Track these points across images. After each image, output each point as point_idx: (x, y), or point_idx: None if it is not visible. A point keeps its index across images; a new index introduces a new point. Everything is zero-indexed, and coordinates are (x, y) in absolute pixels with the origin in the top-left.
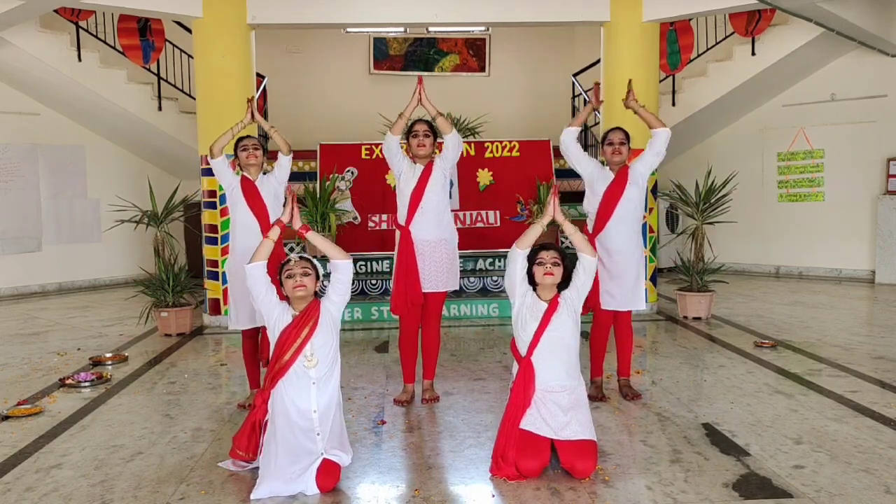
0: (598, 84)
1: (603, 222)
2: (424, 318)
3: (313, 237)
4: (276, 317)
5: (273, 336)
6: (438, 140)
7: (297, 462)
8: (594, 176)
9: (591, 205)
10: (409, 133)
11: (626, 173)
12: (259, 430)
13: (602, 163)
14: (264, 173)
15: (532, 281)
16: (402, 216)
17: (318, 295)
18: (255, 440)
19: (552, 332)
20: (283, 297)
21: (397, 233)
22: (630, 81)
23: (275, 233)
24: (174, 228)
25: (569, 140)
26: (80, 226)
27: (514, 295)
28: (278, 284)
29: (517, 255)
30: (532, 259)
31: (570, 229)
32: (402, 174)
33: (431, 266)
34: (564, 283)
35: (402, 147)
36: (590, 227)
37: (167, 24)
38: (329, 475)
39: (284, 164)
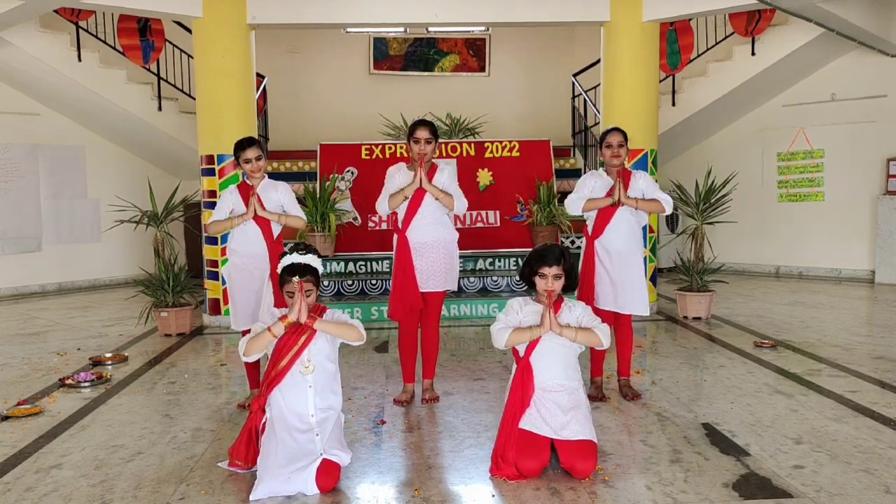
0: (620, 182)
1: (602, 226)
2: (424, 318)
3: (322, 326)
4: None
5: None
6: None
7: (295, 462)
8: (593, 184)
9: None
10: (409, 136)
11: (628, 179)
12: (256, 438)
13: (600, 163)
14: (268, 174)
15: (532, 284)
16: (399, 220)
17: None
18: (252, 449)
19: (552, 333)
20: (281, 301)
21: (395, 236)
22: (618, 182)
23: (278, 329)
24: (174, 228)
25: (573, 209)
26: (80, 226)
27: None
28: (277, 282)
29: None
30: (534, 267)
31: (570, 335)
32: (402, 181)
33: (430, 265)
34: (567, 287)
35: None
36: (588, 230)
37: (167, 24)
38: (329, 475)
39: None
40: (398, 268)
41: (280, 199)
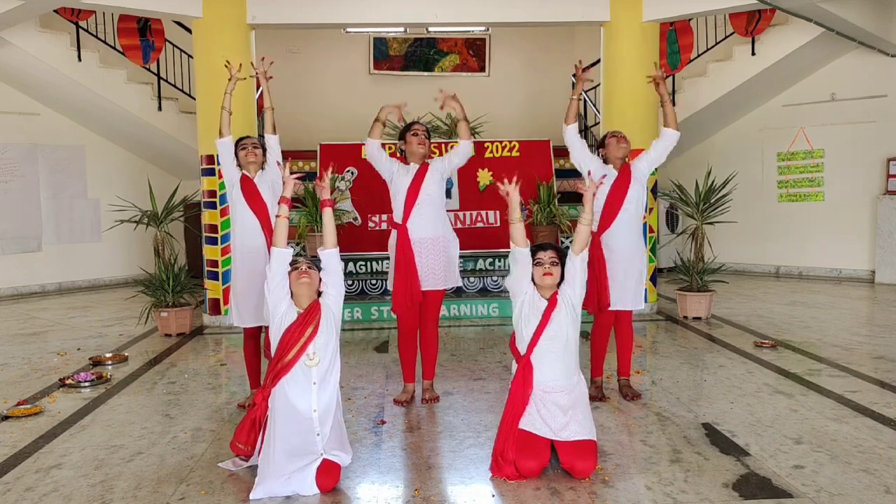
0: (581, 67)
1: (609, 221)
2: (422, 318)
3: (328, 216)
4: (283, 311)
5: (277, 333)
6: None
7: (296, 462)
8: (595, 166)
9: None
10: (406, 131)
11: (630, 171)
12: (258, 428)
13: (603, 161)
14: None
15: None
16: (397, 215)
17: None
18: (253, 437)
19: (552, 331)
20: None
21: (393, 232)
22: (656, 65)
23: (283, 210)
24: (174, 228)
25: (573, 137)
26: (80, 226)
27: (517, 293)
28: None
29: (520, 254)
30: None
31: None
32: (395, 174)
33: (430, 263)
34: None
35: (385, 149)
36: (593, 227)
37: (167, 24)
38: (329, 475)
39: (272, 144)
40: (399, 261)
41: (275, 177)
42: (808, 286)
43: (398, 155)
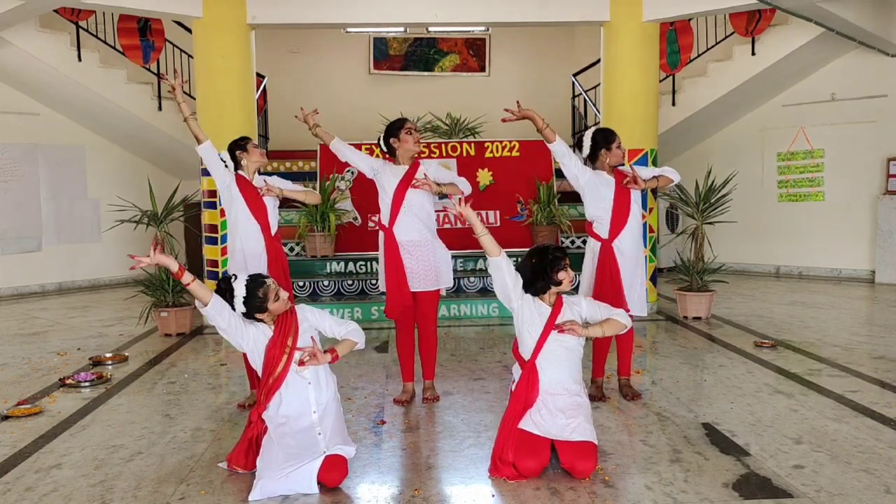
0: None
1: (619, 228)
2: (419, 319)
3: (343, 348)
4: (253, 336)
5: (257, 356)
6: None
7: (296, 461)
8: (595, 182)
9: (596, 209)
10: (399, 127)
11: (624, 178)
12: (256, 448)
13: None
14: (260, 173)
15: (536, 287)
16: (385, 217)
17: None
18: (251, 458)
19: (557, 336)
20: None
21: (381, 234)
22: (632, 171)
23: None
24: (174, 228)
25: (564, 152)
26: (80, 226)
27: (510, 300)
28: (276, 278)
29: (501, 263)
30: (549, 264)
31: (598, 332)
32: (380, 171)
33: (419, 265)
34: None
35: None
36: (601, 233)
37: (167, 24)
38: (336, 470)
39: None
40: (389, 266)
41: (272, 183)
42: (808, 286)
43: (384, 153)
